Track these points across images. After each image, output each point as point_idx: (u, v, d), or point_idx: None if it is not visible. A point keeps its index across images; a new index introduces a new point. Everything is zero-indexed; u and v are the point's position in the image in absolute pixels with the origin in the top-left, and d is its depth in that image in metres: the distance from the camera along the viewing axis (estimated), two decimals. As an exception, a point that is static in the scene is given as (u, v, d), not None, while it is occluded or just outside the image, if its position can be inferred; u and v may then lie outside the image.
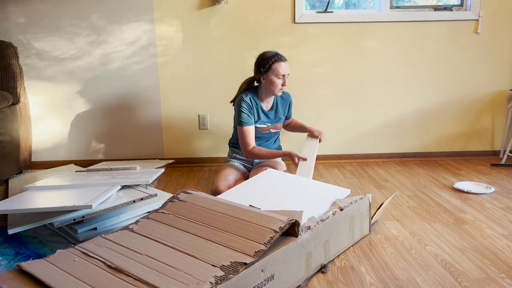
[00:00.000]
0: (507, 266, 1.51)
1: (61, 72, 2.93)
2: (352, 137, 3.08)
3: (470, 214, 2.02)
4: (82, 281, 1.14)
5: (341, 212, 1.59)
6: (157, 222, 1.49)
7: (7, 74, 2.66)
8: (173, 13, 2.86)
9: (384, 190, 2.40)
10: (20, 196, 1.85)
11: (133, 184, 1.98)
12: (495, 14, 2.93)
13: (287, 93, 2.52)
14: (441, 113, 3.07)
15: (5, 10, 2.83)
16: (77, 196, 1.78)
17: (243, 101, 2.32)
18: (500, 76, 3.03)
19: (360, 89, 3.02)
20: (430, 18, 2.92)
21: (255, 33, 2.90)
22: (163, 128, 3.02)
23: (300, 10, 2.87)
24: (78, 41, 2.88)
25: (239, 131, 2.32)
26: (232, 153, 2.51)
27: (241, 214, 1.44)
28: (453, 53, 2.99)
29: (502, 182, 2.52)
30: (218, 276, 1.11)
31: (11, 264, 1.57)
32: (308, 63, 2.96)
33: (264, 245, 1.24)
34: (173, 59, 2.93)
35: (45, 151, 3.04)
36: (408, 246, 1.69)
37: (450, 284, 1.40)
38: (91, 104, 2.98)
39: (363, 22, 2.92)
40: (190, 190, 1.69)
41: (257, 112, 2.37)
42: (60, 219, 1.66)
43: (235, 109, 2.36)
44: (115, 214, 1.81)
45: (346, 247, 1.65)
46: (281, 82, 2.31)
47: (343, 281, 1.43)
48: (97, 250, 1.31)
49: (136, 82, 2.95)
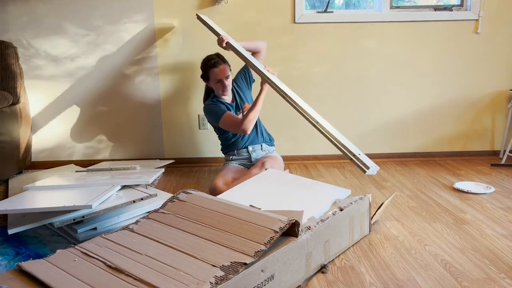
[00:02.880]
0: (507, 266, 1.51)
1: (61, 72, 2.92)
2: (352, 137, 3.08)
3: (470, 214, 2.02)
4: (82, 281, 1.14)
5: (341, 212, 1.59)
6: (157, 222, 1.49)
7: (7, 74, 2.66)
8: (173, 13, 2.86)
9: (384, 190, 2.40)
10: (20, 196, 1.85)
11: (133, 184, 1.98)
12: (495, 14, 2.93)
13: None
14: (441, 113, 3.07)
15: (5, 10, 2.83)
16: (77, 196, 1.78)
17: (207, 105, 2.42)
18: (500, 76, 3.03)
19: (360, 89, 3.02)
20: (430, 18, 2.92)
21: (255, 33, 2.90)
22: (163, 128, 3.02)
23: (300, 10, 2.87)
24: (78, 41, 2.88)
25: (223, 122, 2.35)
26: (228, 157, 2.54)
27: (241, 214, 1.44)
28: (453, 53, 2.98)
29: (502, 182, 2.52)
30: (218, 276, 1.11)
31: (11, 264, 1.57)
32: (308, 63, 2.96)
33: (264, 245, 1.24)
34: (173, 59, 2.93)
35: (45, 151, 3.04)
36: (408, 246, 1.69)
37: (450, 284, 1.40)
38: (91, 104, 2.98)
39: (363, 22, 2.92)
40: (190, 190, 1.69)
41: (225, 107, 2.43)
42: (60, 219, 1.66)
43: (208, 116, 2.44)
44: (115, 214, 1.81)
45: (346, 247, 1.65)
46: (220, 87, 2.37)
47: (343, 281, 1.43)
48: (97, 250, 1.31)
49: (136, 82, 2.95)
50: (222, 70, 2.34)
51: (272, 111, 2.99)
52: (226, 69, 2.37)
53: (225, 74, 2.35)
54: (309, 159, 3.09)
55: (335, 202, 1.67)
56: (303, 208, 1.61)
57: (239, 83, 2.54)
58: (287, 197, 1.74)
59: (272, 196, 1.76)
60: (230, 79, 2.41)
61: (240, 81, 2.55)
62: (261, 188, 1.85)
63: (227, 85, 2.37)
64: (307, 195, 1.75)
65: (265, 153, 2.49)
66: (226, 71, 2.36)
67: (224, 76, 2.35)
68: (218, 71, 2.34)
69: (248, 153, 2.46)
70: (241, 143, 2.45)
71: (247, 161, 2.47)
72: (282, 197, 1.75)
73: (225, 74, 2.35)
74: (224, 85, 2.37)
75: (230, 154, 2.51)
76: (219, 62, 2.35)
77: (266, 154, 2.48)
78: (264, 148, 2.50)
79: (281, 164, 2.39)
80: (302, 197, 1.73)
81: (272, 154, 2.49)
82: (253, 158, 2.46)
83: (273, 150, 2.55)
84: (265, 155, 2.45)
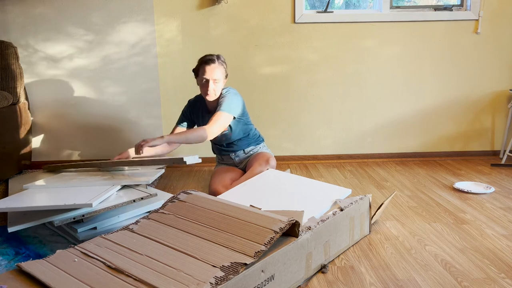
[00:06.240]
0: (507, 266, 1.51)
1: (61, 72, 2.92)
2: (352, 137, 3.08)
3: (470, 214, 2.02)
4: (82, 281, 1.14)
5: (341, 212, 1.59)
6: (157, 223, 1.48)
7: (7, 74, 2.66)
8: (173, 13, 2.86)
9: (384, 190, 2.40)
10: (20, 194, 1.85)
11: (133, 184, 1.98)
12: (495, 14, 2.93)
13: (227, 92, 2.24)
14: (441, 113, 3.07)
15: (5, 10, 2.83)
16: (77, 194, 1.78)
17: (185, 106, 2.41)
18: (500, 76, 3.03)
19: (360, 89, 3.02)
20: (430, 18, 2.92)
21: (255, 33, 2.90)
22: (163, 128, 3.02)
23: (300, 10, 2.87)
24: (78, 41, 2.88)
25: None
26: (217, 158, 2.58)
27: (241, 215, 1.44)
28: (453, 53, 2.98)
29: (502, 182, 2.52)
30: (218, 277, 1.11)
31: (11, 264, 1.57)
32: (308, 63, 2.96)
33: (264, 246, 1.24)
34: (173, 59, 2.93)
35: (45, 151, 3.04)
36: (408, 246, 1.69)
37: (450, 284, 1.40)
38: (91, 104, 2.98)
39: (363, 22, 2.92)
40: (190, 191, 1.69)
41: (201, 115, 2.36)
42: (60, 218, 1.66)
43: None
44: (115, 213, 1.81)
45: (346, 247, 1.65)
46: (204, 87, 2.17)
47: (343, 281, 1.43)
48: (97, 251, 1.31)
49: (136, 82, 2.95)
50: (212, 70, 2.14)
51: (272, 111, 2.99)
52: (217, 71, 2.16)
53: (213, 75, 2.14)
54: (309, 159, 3.09)
55: (336, 202, 1.67)
56: (303, 208, 1.61)
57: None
58: (287, 197, 1.74)
59: (272, 196, 1.76)
60: (219, 85, 2.19)
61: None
62: (261, 188, 1.85)
63: (209, 89, 2.16)
64: (307, 195, 1.75)
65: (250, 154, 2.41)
66: (216, 73, 2.15)
67: (212, 78, 2.15)
68: (207, 69, 2.14)
69: (231, 158, 2.46)
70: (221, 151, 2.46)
71: (232, 164, 2.48)
72: (282, 197, 1.75)
73: (214, 75, 2.14)
74: (207, 87, 2.16)
75: (217, 158, 2.57)
76: (214, 61, 2.16)
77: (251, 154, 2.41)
78: (248, 150, 2.42)
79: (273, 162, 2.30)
80: (302, 197, 1.73)
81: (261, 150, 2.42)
82: (237, 161, 2.45)
83: (262, 146, 2.46)
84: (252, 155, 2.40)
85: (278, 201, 1.70)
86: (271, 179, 1.96)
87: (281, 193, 1.79)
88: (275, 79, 2.97)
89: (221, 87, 2.23)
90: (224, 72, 2.23)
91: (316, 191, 1.79)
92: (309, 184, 1.87)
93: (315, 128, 3.06)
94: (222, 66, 2.21)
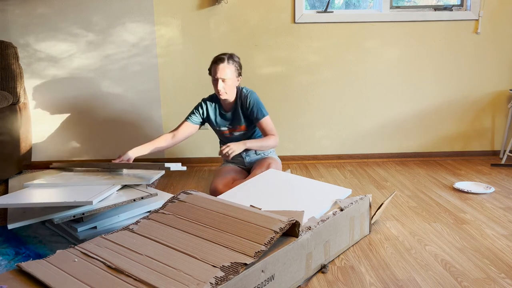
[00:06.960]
0: (507, 266, 1.51)
1: (61, 72, 2.92)
2: (352, 137, 3.08)
3: (470, 214, 2.02)
4: (82, 281, 1.14)
5: (341, 212, 1.59)
6: (157, 223, 1.49)
7: (7, 74, 2.66)
8: (173, 14, 2.86)
9: (384, 190, 2.40)
10: (20, 192, 1.85)
11: (134, 184, 1.98)
12: (495, 14, 2.93)
13: (248, 93, 2.30)
14: (441, 113, 3.07)
15: (5, 10, 2.83)
16: (77, 192, 1.78)
17: (199, 103, 2.39)
18: (500, 76, 3.03)
19: (360, 89, 3.02)
20: (430, 18, 2.92)
21: (255, 33, 2.90)
22: (163, 128, 3.02)
23: (300, 10, 2.87)
24: (78, 41, 2.88)
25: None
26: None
27: (242, 215, 1.44)
28: (453, 53, 2.99)
29: (502, 182, 2.52)
30: (218, 277, 1.11)
31: (11, 264, 1.57)
32: (308, 63, 2.96)
33: (265, 246, 1.24)
34: (173, 59, 2.93)
35: (45, 151, 3.04)
36: (408, 246, 1.69)
37: (450, 284, 1.40)
38: (91, 105, 2.98)
39: (363, 22, 2.92)
40: (190, 191, 1.69)
41: (214, 115, 2.37)
42: (60, 216, 1.65)
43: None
44: (115, 213, 1.81)
45: (346, 247, 1.65)
46: (215, 85, 2.21)
47: (343, 281, 1.43)
48: (97, 251, 1.31)
49: (136, 82, 2.95)
50: (221, 69, 2.17)
51: (272, 111, 2.99)
52: (227, 71, 2.17)
53: (222, 74, 2.17)
54: (309, 159, 3.10)
55: (336, 202, 1.67)
56: (304, 208, 1.61)
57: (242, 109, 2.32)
58: (287, 197, 1.74)
59: (272, 196, 1.76)
60: (229, 84, 2.21)
61: (244, 109, 2.32)
62: (262, 188, 1.85)
63: (219, 88, 2.19)
64: (307, 195, 1.75)
65: (261, 156, 2.43)
66: (225, 72, 2.17)
67: (221, 77, 2.17)
68: (217, 68, 2.17)
69: (241, 157, 2.45)
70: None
71: (241, 164, 2.46)
72: (282, 197, 1.75)
73: (223, 75, 2.17)
74: (217, 85, 2.19)
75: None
76: (223, 60, 2.18)
77: (262, 156, 2.43)
78: (259, 152, 2.43)
79: (279, 166, 2.36)
80: (303, 197, 1.73)
81: (270, 155, 2.45)
82: (247, 162, 2.45)
83: (270, 152, 2.48)
84: (261, 158, 2.41)
85: (278, 201, 1.70)
86: (272, 179, 1.96)
87: (281, 193, 1.79)
88: (275, 79, 2.97)
89: (232, 86, 2.24)
90: (235, 71, 2.23)
91: (316, 191, 1.79)
92: (309, 184, 1.87)
93: (315, 128, 3.06)
94: (233, 65, 2.21)
